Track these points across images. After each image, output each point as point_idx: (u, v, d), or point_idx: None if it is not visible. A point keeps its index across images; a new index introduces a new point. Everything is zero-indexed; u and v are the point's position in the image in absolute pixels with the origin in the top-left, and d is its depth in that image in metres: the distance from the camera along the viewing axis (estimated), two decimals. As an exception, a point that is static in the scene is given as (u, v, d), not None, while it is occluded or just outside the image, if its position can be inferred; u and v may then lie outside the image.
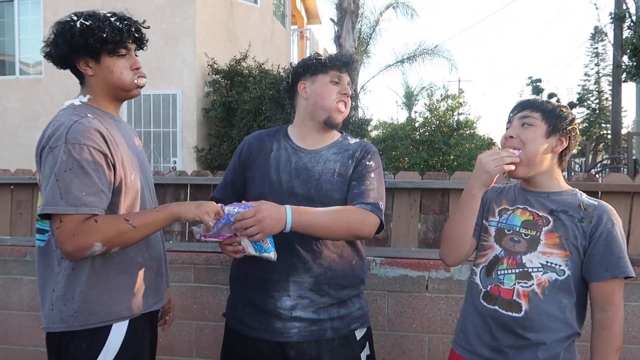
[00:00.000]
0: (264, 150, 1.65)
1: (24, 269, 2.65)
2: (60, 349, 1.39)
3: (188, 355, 2.49)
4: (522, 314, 1.37)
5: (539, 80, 21.29)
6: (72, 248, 1.28)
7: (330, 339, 1.58)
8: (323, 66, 1.62)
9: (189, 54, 8.35)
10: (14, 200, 2.90)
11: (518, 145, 1.40)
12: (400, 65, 15.44)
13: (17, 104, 8.79)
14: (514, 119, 1.44)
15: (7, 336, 2.67)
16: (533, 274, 1.38)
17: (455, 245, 1.49)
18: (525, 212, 1.45)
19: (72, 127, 1.33)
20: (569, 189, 1.47)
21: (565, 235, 1.38)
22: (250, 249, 1.46)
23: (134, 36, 1.46)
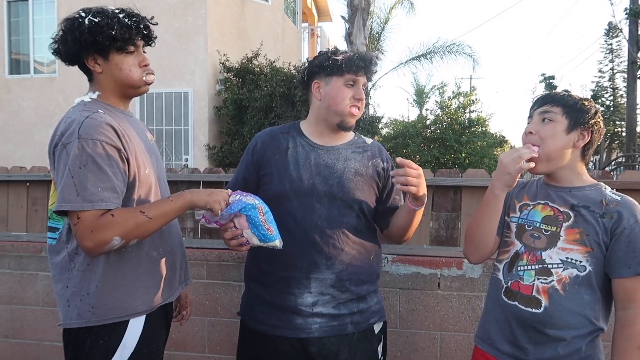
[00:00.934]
0: (279, 147, 1.63)
1: (40, 265, 2.69)
2: (77, 345, 1.40)
3: (200, 351, 2.51)
4: (542, 310, 1.36)
5: (552, 77, 21.03)
6: (92, 244, 1.28)
7: (351, 334, 1.59)
8: (338, 69, 1.58)
9: (200, 52, 8.39)
10: (29, 197, 2.95)
11: (537, 142, 1.38)
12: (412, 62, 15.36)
13: (31, 102, 8.90)
14: (535, 114, 1.41)
15: (24, 331, 2.71)
16: (553, 270, 1.37)
17: (479, 245, 1.48)
18: (546, 208, 1.43)
19: (84, 123, 1.33)
20: (593, 183, 1.43)
21: (586, 231, 1.36)
22: (255, 240, 1.43)
23: (142, 33, 1.46)
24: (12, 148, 8.74)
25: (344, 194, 1.59)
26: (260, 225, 1.41)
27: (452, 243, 2.49)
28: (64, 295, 1.41)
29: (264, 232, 1.41)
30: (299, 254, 1.56)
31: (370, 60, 1.61)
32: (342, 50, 1.63)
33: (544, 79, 21.16)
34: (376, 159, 1.69)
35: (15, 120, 8.92)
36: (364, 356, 1.62)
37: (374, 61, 1.63)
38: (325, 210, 1.57)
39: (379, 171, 1.68)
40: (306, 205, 1.56)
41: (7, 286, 2.73)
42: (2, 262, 2.73)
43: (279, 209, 1.53)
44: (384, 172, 1.69)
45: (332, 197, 1.58)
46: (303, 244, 1.55)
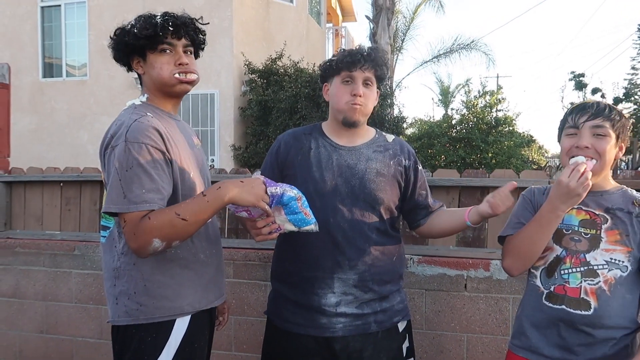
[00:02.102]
0: (302, 148, 1.65)
1: (73, 263, 2.77)
2: (124, 342, 1.43)
3: (227, 349, 2.55)
4: (592, 312, 1.39)
5: (582, 75, 20.50)
6: (135, 245, 1.30)
7: (374, 332, 1.61)
8: (334, 68, 1.62)
9: (226, 54, 8.49)
10: (63, 197, 3.04)
11: (593, 155, 1.40)
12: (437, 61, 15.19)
13: (64, 105, 9.17)
14: (585, 127, 1.42)
15: (57, 327, 2.80)
16: (599, 271, 1.40)
17: (528, 260, 1.48)
18: (580, 212, 1.46)
19: (132, 126, 1.36)
20: (618, 186, 1.49)
21: (625, 231, 1.41)
22: (289, 225, 1.41)
23: (169, 29, 1.44)
24: (45, 149, 9.02)
25: (366, 194, 1.60)
26: (298, 211, 1.40)
27: (479, 244, 2.46)
28: (112, 293, 1.45)
29: (302, 216, 1.41)
30: (322, 255, 1.57)
31: (361, 52, 1.60)
32: (341, 50, 1.67)
33: (573, 77, 20.64)
34: (398, 157, 1.69)
35: (48, 122, 9.20)
36: (389, 354, 1.63)
37: (370, 53, 1.61)
38: (348, 211, 1.58)
39: (401, 170, 1.68)
40: (329, 206, 1.57)
41: (42, 283, 2.82)
42: (37, 259, 2.82)
43: None
44: (406, 169, 1.70)
45: (355, 198, 1.59)
46: (326, 244, 1.56)
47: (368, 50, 1.62)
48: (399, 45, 15.76)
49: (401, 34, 15.71)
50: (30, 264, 2.84)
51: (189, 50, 1.53)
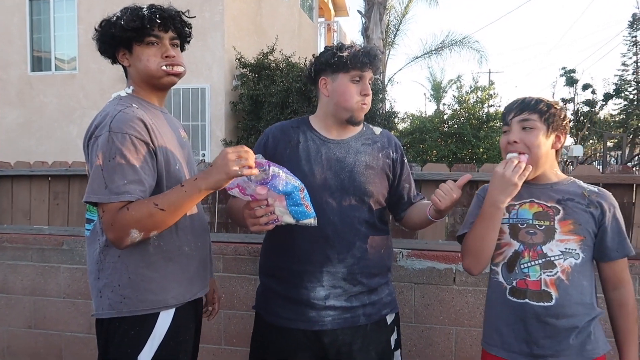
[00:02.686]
0: (290, 142, 1.64)
1: (61, 258, 2.75)
2: (108, 335, 1.43)
3: (217, 343, 2.55)
4: (554, 302, 1.42)
5: (572, 71, 20.64)
6: (113, 236, 1.31)
7: (363, 325, 1.61)
8: (344, 65, 1.58)
9: (218, 48, 8.44)
10: (51, 191, 3.01)
11: (523, 150, 1.44)
12: (428, 57, 15.22)
13: (53, 99, 9.07)
14: (513, 122, 1.47)
15: (46, 322, 2.78)
16: (556, 261, 1.43)
17: (484, 257, 1.50)
18: (533, 205, 1.49)
19: (117, 117, 1.35)
20: (567, 177, 1.53)
21: (577, 221, 1.45)
22: (287, 217, 1.38)
23: (157, 22, 1.44)
24: (34, 143, 8.93)
25: (356, 188, 1.60)
26: (300, 203, 1.37)
27: (468, 238, 2.47)
28: (96, 286, 1.44)
29: (303, 209, 1.38)
30: (311, 249, 1.58)
31: (375, 55, 1.61)
32: (347, 46, 1.61)
33: (564, 72, 20.78)
34: (386, 150, 1.70)
35: (37, 116, 9.11)
36: (377, 347, 1.64)
37: (379, 56, 1.64)
38: (338, 204, 1.58)
39: (389, 162, 1.69)
40: (318, 200, 1.57)
41: (29, 278, 2.80)
42: (25, 254, 2.80)
43: None
44: (394, 162, 1.71)
45: (344, 192, 1.59)
46: (316, 238, 1.56)
47: (374, 51, 1.62)
48: (391, 40, 15.75)
49: (393, 29, 15.71)
50: (18, 258, 2.81)
51: (175, 43, 1.52)
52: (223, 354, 2.55)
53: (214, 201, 2.72)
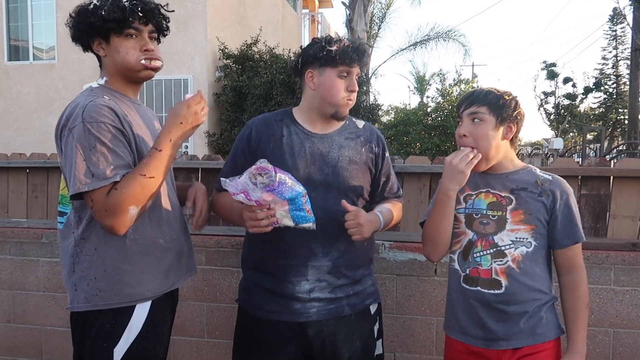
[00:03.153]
0: (274, 135, 1.63)
1: (41, 251, 2.71)
2: (84, 329, 1.42)
3: (200, 336, 2.54)
4: (503, 290, 1.47)
5: (553, 65, 20.91)
6: (111, 222, 1.30)
7: (348, 316, 1.62)
8: (332, 60, 1.56)
9: (200, 38, 8.35)
10: (29, 184, 2.96)
11: (472, 144, 1.47)
12: (413, 49, 15.26)
13: (31, 89, 8.89)
14: (463, 115, 1.50)
15: (25, 316, 2.74)
16: (506, 251, 1.48)
17: (439, 244, 1.57)
18: (488, 195, 1.53)
19: (88, 107, 1.34)
20: (524, 166, 1.56)
21: (528, 210, 1.48)
22: (287, 221, 1.41)
23: (139, 15, 1.43)
24: (12, 135, 8.75)
25: (339, 183, 1.60)
26: (302, 208, 1.40)
27: (449, 230, 2.50)
28: (71, 279, 1.43)
29: (304, 214, 1.42)
30: (296, 243, 1.57)
31: (364, 51, 1.60)
32: (335, 40, 1.59)
33: (545, 66, 21.05)
34: (369, 144, 1.69)
35: (15, 107, 8.91)
36: (362, 336, 1.65)
37: (367, 52, 1.64)
38: (322, 199, 1.57)
39: (372, 157, 1.69)
40: None
41: (8, 272, 2.75)
42: (3, 248, 2.75)
43: None
44: (377, 156, 1.71)
45: (328, 186, 1.59)
46: (300, 233, 1.55)
47: (363, 47, 1.61)
48: (375, 32, 15.75)
49: (377, 21, 15.70)
50: (-5, 252, 2.76)
51: (153, 37, 1.51)
52: (206, 346, 2.54)
53: (196, 194, 2.70)
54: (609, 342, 2.18)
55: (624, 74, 23.85)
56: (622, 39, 24.54)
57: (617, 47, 24.99)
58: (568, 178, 2.29)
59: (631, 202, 2.30)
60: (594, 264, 2.16)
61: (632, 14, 14.15)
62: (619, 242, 2.24)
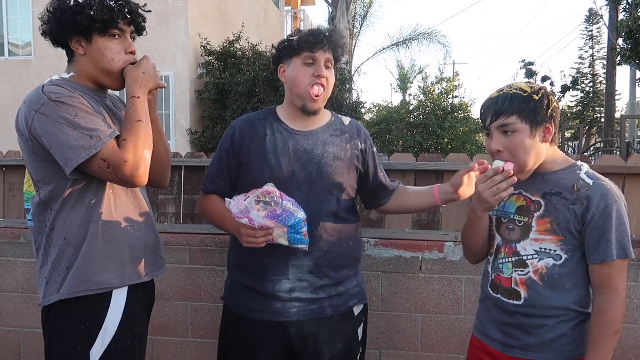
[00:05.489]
0: (257, 135, 1.61)
1: (18, 251, 2.64)
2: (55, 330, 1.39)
3: (184, 335, 2.51)
4: (522, 302, 1.38)
5: (531, 63, 21.24)
6: (134, 171, 1.31)
7: (330, 317, 1.61)
8: (294, 48, 1.54)
9: (181, 35, 8.25)
10: (6, 182, 2.88)
11: (508, 158, 1.32)
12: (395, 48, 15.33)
13: (7, 85, 8.68)
14: (492, 128, 1.34)
15: (2, 318, 2.68)
16: (528, 261, 1.37)
17: (471, 252, 1.54)
18: (519, 198, 1.42)
19: (46, 87, 1.33)
20: (568, 165, 1.39)
21: (556, 219, 1.33)
22: (283, 240, 1.45)
23: (126, 17, 1.41)
24: (-13, 132, 8.53)
25: (323, 179, 1.58)
26: (300, 232, 1.44)
27: (434, 227, 2.52)
28: (43, 273, 1.41)
29: (301, 237, 1.45)
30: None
31: (325, 33, 1.56)
32: (301, 31, 1.59)
33: (524, 65, 21.36)
34: (354, 141, 1.67)
35: (-11, 103, 8.69)
36: (344, 338, 1.64)
37: (334, 35, 1.58)
38: (305, 197, 1.55)
39: (357, 153, 1.67)
40: (285, 192, 1.54)
41: (-16, 273, 2.68)
42: (-22, 248, 2.68)
43: None
44: (363, 153, 1.69)
45: (312, 184, 1.58)
46: None
47: (328, 31, 1.58)
48: (358, 30, 15.77)
49: (360, 19, 15.73)
50: (-29, 253, 2.69)
51: (133, 37, 1.49)
52: (190, 346, 2.52)
53: (179, 192, 2.67)
54: None
55: (600, 73, 24.35)
56: (598, 39, 25.04)
57: (593, 47, 25.48)
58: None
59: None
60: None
61: (608, 14, 14.44)
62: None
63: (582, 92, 25.02)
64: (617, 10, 13.36)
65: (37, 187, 1.40)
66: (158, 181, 1.62)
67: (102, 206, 1.40)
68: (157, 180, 1.61)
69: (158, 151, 1.51)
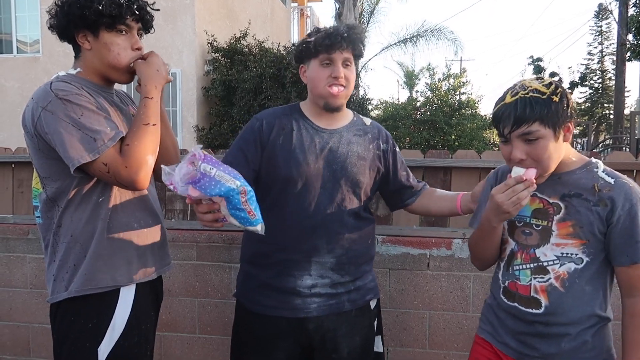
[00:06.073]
0: (284, 129, 1.60)
1: (27, 247, 2.66)
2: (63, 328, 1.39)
3: (191, 332, 2.52)
4: (542, 310, 1.30)
5: (539, 60, 21.10)
6: (134, 176, 1.29)
7: (348, 311, 1.61)
8: (311, 51, 1.55)
9: (188, 32, 8.26)
10: (15, 179, 2.91)
11: (532, 165, 1.24)
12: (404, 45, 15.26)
13: (15, 83, 8.73)
14: (513, 137, 1.23)
15: (12, 313, 2.70)
16: (549, 267, 1.30)
17: (480, 259, 1.48)
18: (535, 200, 1.32)
19: (54, 83, 1.32)
20: (583, 163, 1.31)
21: (579, 223, 1.26)
22: (233, 220, 1.26)
23: (134, 13, 1.40)
24: (-4, 129, 8.60)
25: (347, 178, 1.58)
26: (241, 208, 1.23)
27: (442, 224, 2.51)
28: (51, 271, 1.41)
29: (245, 214, 1.25)
30: (300, 238, 1.55)
31: (340, 34, 1.55)
32: (317, 30, 1.58)
33: (532, 61, 21.22)
34: (377, 141, 1.69)
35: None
36: (362, 331, 1.65)
37: (349, 33, 1.56)
38: (329, 194, 1.56)
39: (379, 154, 1.68)
40: (310, 189, 1.55)
41: (-6, 269, 2.70)
42: (-12, 244, 2.70)
43: (283, 192, 1.54)
44: (385, 153, 1.70)
45: (336, 182, 1.58)
46: (305, 227, 1.55)
47: (346, 30, 1.56)
48: (365, 26, 15.72)
49: (366, 15, 15.67)
50: (-20, 249, 2.71)
51: (140, 34, 1.49)
52: (197, 342, 2.52)
53: (186, 188, 2.68)
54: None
55: (609, 69, 24.15)
56: (608, 35, 24.83)
57: (602, 43, 25.26)
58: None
59: None
60: None
61: (618, 9, 14.29)
62: None
63: (591, 89, 24.83)
64: (627, 6, 13.22)
65: (44, 184, 1.40)
66: None
67: (108, 204, 1.39)
68: None
69: (166, 146, 1.51)
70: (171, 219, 2.68)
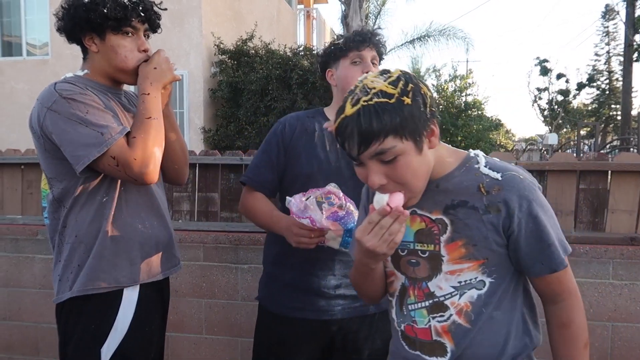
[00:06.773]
0: (307, 130, 1.64)
1: (36, 248, 2.69)
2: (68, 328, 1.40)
3: (198, 332, 2.53)
4: (449, 356, 1.05)
5: (545, 61, 21.00)
6: (143, 169, 1.30)
7: (372, 314, 1.61)
8: (341, 50, 1.60)
9: (195, 34, 8.30)
10: (24, 180, 2.93)
11: (396, 189, 0.97)
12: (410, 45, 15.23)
13: (24, 85, 8.81)
14: (365, 160, 0.96)
15: (21, 313, 2.72)
16: (447, 302, 1.05)
17: (375, 297, 1.21)
18: (415, 219, 1.07)
19: (58, 84, 1.34)
20: (461, 161, 1.07)
21: (470, 240, 1.02)
22: (334, 243, 1.42)
23: (140, 14, 1.40)
24: (5, 131, 8.67)
25: None
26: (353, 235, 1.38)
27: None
28: (57, 271, 1.42)
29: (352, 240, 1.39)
30: None
31: (369, 32, 1.62)
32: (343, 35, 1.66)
33: (538, 62, 21.13)
34: None
35: (8, 102, 8.83)
36: (383, 335, 1.61)
37: (377, 34, 1.64)
38: (350, 192, 1.56)
39: None
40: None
41: (3, 269, 2.73)
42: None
43: (305, 189, 1.55)
44: None
45: (357, 180, 1.58)
46: None
47: (370, 31, 1.64)
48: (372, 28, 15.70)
49: (373, 17, 15.67)
50: (-10, 249, 2.74)
51: (147, 35, 1.49)
52: (204, 343, 2.53)
53: (193, 189, 2.69)
54: (607, 336, 2.19)
55: (616, 70, 23.98)
56: (614, 35, 24.67)
57: (609, 44, 25.10)
58: (567, 173, 2.32)
59: (629, 196, 2.30)
60: (593, 258, 2.17)
61: (625, 10, 14.20)
62: (618, 237, 2.25)
63: (598, 90, 24.67)
64: (634, 6, 13.15)
65: (51, 184, 1.42)
66: (176, 178, 1.63)
67: (113, 204, 1.39)
68: (175, 177, 1.62)
69: (173, 148, 1.52)
70: (178, 220, 2.69)
